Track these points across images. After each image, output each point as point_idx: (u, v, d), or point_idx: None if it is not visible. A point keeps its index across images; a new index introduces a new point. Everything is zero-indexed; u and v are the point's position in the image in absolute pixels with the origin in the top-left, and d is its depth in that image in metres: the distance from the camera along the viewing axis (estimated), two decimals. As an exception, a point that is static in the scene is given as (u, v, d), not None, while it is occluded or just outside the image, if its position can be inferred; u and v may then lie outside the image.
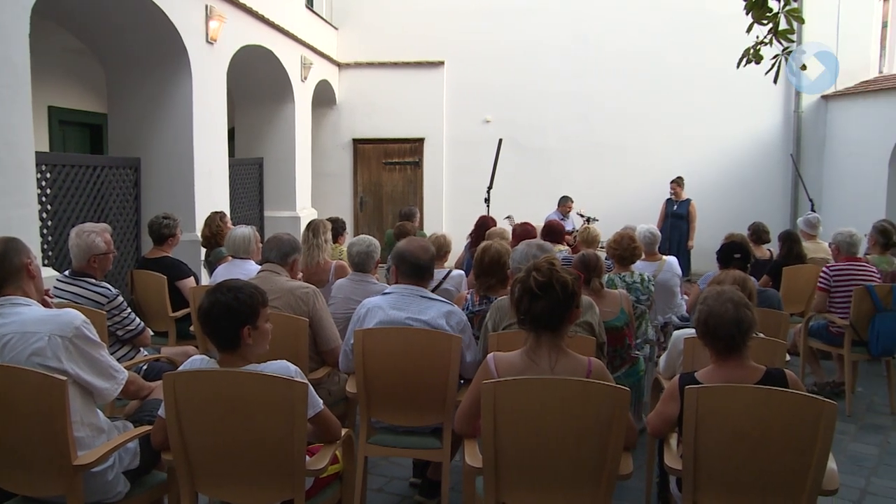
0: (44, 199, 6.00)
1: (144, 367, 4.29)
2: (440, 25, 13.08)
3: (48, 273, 5.04)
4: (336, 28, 13.39)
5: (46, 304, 3.26)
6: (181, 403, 2.71)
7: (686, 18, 12.54)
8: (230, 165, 8.90)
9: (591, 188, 12.41)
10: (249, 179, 10.51)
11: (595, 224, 8.55)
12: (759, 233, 7.35)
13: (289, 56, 10.63)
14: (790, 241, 6.94)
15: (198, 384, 2.73)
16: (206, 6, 7.84)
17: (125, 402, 3.68)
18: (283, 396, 2.66)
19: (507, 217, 9.54)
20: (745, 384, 2.84)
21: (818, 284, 6.08)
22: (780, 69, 4.10)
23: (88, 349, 2.84)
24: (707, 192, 12.00)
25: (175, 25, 7.28)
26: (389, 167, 13.50)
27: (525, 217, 7.84)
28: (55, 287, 4.33)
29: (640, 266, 5.82)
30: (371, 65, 13.33)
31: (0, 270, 2.90)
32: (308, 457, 2.82)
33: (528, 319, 2.81)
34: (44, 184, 6.01)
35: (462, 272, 5.51)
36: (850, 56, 12.20)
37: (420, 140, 13.35)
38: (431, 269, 3.95)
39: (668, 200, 11.08)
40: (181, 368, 2.88)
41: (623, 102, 12.85)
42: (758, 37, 4.15)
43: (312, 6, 12.35)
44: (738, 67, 4.37)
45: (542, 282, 2.75)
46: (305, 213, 11.36)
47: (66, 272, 4.44)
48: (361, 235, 5.09)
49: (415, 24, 13.16)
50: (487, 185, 9.45)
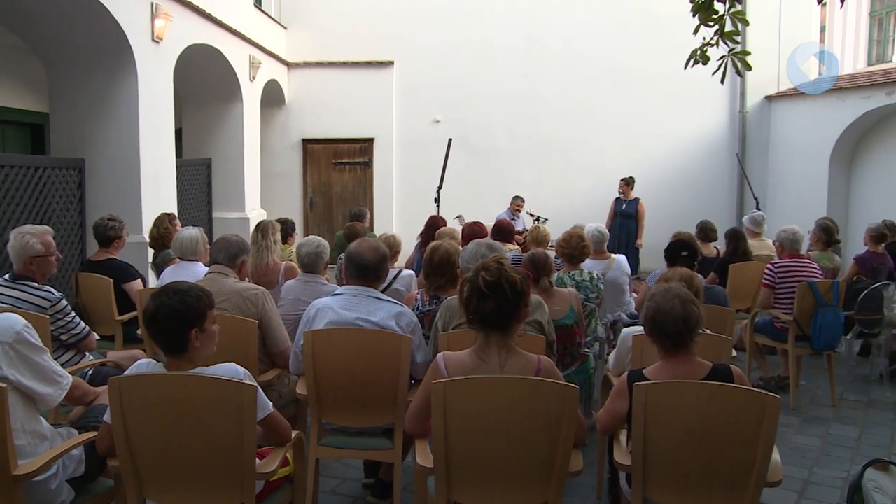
0: (-18, 202, 5.83)
1: (90, 372, 4.17)
2: (390, 25, 13.06)
3: (-13, 277, 4.89)
4: (285, 27, 13.26)
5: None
6: (127, 408, 2.66)
7: (634, 20, 12.71)
8: (178, 166, 8.76)
9: (541, 188, 12.47)
10: (197, 180, 10.33)
11: (545, 223, 8.61)
12: (707, 231, 7.46)
13: (237, 55, 10.50)
14: (736, 239, 7.07)
15: (144, 388, 2.69)
16: (152, 4, 7.69)
17: (70, 408, 3.59)
18: (232, 399, 2.63)
19: (458, 217, 9.54)
20: (692, 380, 2.88)
21: (763, 281, 6.23)
22: (727, 70, 4.19)
23: (30, 354, 2.78)
24: (655, 191, 12.13)
25: (119, 23, 7.12)
26: (339, 167, 13.42)
27: (475, 217, 7.85)
28: (-5, 292, 4.21)
29: (590, 264, 5.89)
30: (320, 64, 13.24)
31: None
32: (258, 460, 2.80)
33: (477, 319, 2.82)
34: (-18, 185, 5.84)
35: (412, 272, 5.50)
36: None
37: (370, 140, 13.30)
38: (381, 271, 3.93)
39: (617, 199, 11.23)
40: (127, 372, 2.82)
41: (572, 102, 12.97)
42: (704, 38, 4.23)
43: (261, 5, 12.21)
44: (686, 68, 4.44)
45: (491, 281, 2.76)
46: (254, 214, 11.22)
47: (6, 276, 4.32)
48: (311, 236, 5.08)
49: (364, 24, 13.11)
50: (437, 185, 9.49)
